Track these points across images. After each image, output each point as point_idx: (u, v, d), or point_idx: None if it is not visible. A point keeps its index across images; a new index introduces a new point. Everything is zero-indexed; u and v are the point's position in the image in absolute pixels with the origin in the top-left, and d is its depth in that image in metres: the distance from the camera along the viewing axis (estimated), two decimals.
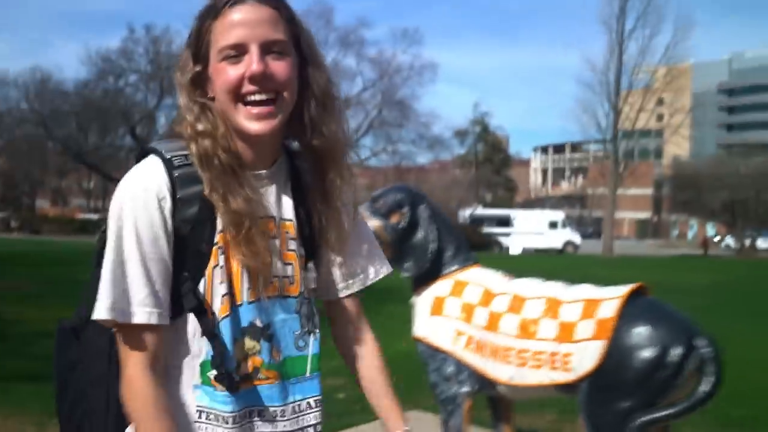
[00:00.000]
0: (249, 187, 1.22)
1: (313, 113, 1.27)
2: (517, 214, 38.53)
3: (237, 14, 1.19)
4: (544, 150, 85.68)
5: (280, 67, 1.20)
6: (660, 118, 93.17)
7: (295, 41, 1.24)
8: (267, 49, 1.19)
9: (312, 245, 1.32)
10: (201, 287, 1.20)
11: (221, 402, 1.20)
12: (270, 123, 1.21)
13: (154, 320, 1.16)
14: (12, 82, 36.04)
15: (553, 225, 37.51)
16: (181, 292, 1.19)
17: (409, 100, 37.99)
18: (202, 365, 1.21)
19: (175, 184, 1.19)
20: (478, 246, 33.66)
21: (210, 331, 1.19)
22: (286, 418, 1.27)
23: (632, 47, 37.77)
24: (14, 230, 40.83)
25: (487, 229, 35.90)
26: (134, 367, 1.16)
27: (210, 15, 1.21)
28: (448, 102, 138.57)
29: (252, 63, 1.18)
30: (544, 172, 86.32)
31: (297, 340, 1.29)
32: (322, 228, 1.31)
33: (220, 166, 1.21)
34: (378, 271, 1.42)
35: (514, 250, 35.00)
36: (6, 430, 4.79)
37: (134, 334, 1.16)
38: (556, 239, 36.76)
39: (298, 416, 1.28)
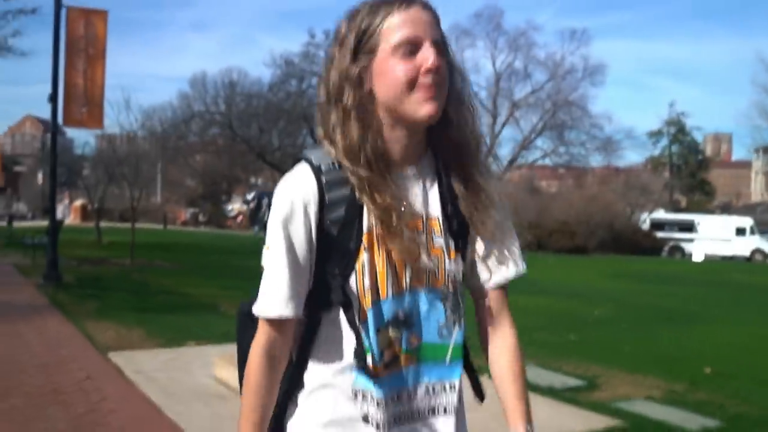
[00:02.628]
0: (396, 186, 1.31)
1: (453, 109, 1.35)
2: (701, 220, 36.57)
3: (410, 14, 1.29)
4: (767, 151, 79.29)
5: (443, 63, 1.31)
6: None
7: (447, 44, 1.36)
8: (437, 46, 1.30)
9: (460, 238, 1.39)
10: (351, 283, 1.29)
11: (371, 386, 1.30)
12: (436, 106, 1.29)
13: (292, 314, 1.29)
14: (207, 83, 39.85)
15: (740, 231, 35.13)
16: (331, 287, 1.29)
17: (582, 101, 37.57)
18: (354, 353, 1.31)
19: (323, 189, 1.28)
20: (648, 250, 32.67)
21: (355, 322, 1.29)
22: (419, 398, 1.35)
23: None
24: (201, 224, 45.31)
25: (668, 234, 34.61)
26: (257, 348, 1.31)
27: (380, 14, 1.30)
28: (647, 100, 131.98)
29: (429, 57, 1.27)
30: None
31: (441, 329, 1.36)
32: (470, 220, 1.38)
33: (368, 167, 1.29)
34: (518, 269, 1.46)
35: (697, 256, 33.31)
36: (149, 345, 6.75)
37: (269, 323, 1.31)
38: (743, 247, 34.41)
39: (431, 396, 1.36)
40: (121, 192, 29.68)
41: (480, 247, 1.41)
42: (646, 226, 35.98)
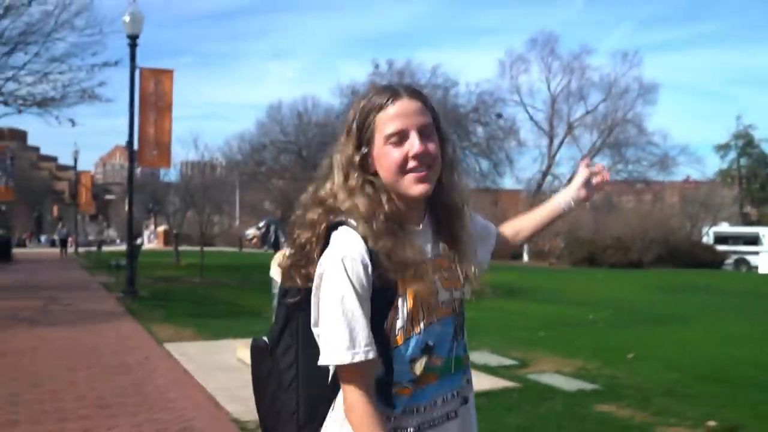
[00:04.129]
0: (411, 239, 1.55)
1: (446, 175, 1.61)
2: (767, 232, 36.72)
3: (397, 107, 1.54)
4: None
5: (431, 145, 1.55)
6: None
7: (435, 124, 1.59)
8: (421, 132, 1.54)
9: (467, 268, 1.65)
10: (387, 325, 1.51)
11: (400, 406, 1.53)
12: (427, 186, 1.54)
13: (372, 356, 1.45)
14: (283, 111, 42.30)
15: None
16: (374, 331, 1.48)
17: (638, 120, 38.93)
18: (387, 383, 1.53)
19: (369, 252, 1.49)
20: (709, 264, 33.12)
21: (385, 358, 1.50)
22: (437, 408, 1.59)
23: None
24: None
25: (733, 248, 35.03)
26: (354, 393, 1.46)
27: (374, 110, 1.55)
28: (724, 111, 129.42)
29: (414, 144, 1.52)
30: None
31: (451, 346, 1.61)
32: (462, 255, 1.64)
33: (386, 229, 1.51)
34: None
35: (763, 268, 33.57)
36: (196, 339, 8.89)
37: (355, 369, 1.45)
38: None
39: (444, 405, 1.60)
40: (200, 217, 32.62)
41: (476, 250, 1.72)
42: (709, 239, 36.42)
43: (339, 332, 1.44)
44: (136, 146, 14.06)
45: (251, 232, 8.01)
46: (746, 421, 5.26)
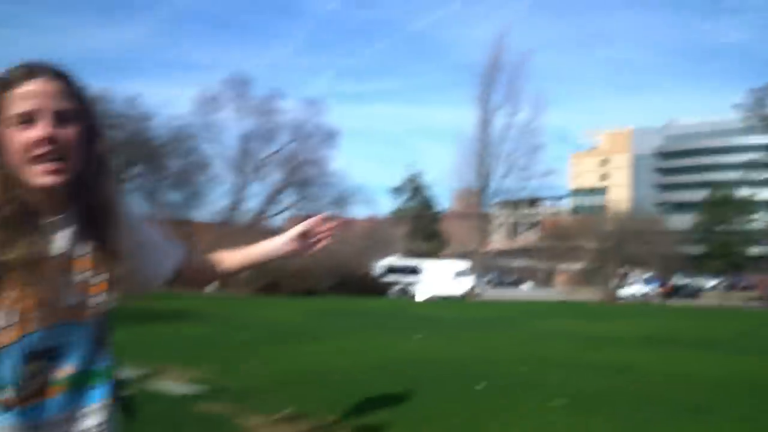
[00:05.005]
0: (33, 234, 1.42)
1: (92, 174, 1.50)
2: (426, 264, 42.04)
3: (31, 87, 1.41)
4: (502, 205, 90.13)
5: (66, 133, 1.41)
6: (604, 177, 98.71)
7: (85, 114, 1.47)
8: (57, 117, 1.41)
9: (108, 274, 1.51)
10: None
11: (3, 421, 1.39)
12: (57, 178, 1.41)
13: None
14: None
15: (459, 274, 41.09)
16: None
17: (320, 161, 43.38)
18: None
19: None
20: (377, 291, 37.07)
21: None
22: (60, 427, 1.46)
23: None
24: None
25: (399, 278, 39.64)
26: None
27: (4, 86, 1.42)
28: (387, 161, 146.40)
29: (41, 129, 1.39)
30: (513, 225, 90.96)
31: (86, 358, 1.49)
32: (110, 259, 1.51)
33: (5, 220, 1.39)
34: (175, 257, 1.75)
35: (420, 296, 38.25)
36: None
37: None
38: (459, 287, 40.22)
39: (76, 422, 1.48)
40: None
41: (135, 267, 1.57)
42: (378, 271, 40.57)
43: None
44: None
45: None
46: (318, 412, 6.52)
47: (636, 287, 46.18)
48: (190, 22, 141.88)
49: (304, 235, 1.90)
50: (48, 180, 1.42)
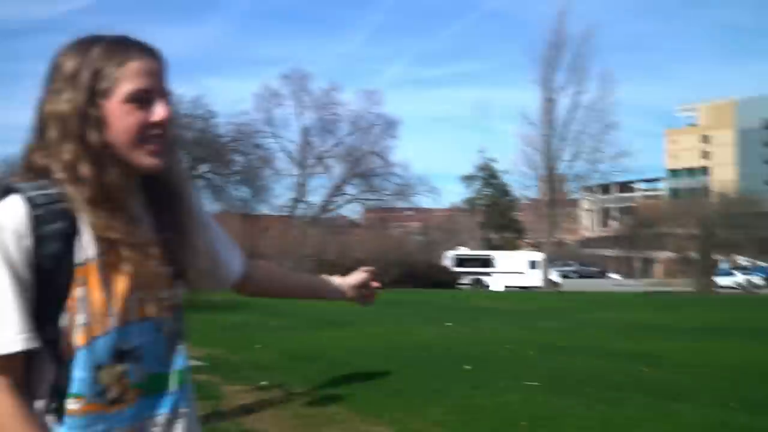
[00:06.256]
0: (122, 219, 1.36)
1: (170, 155, 1.46)
2: (498, 255, 42.41)
3: (145, 64, 1.37)
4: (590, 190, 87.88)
5: (170, 117, 1.40)
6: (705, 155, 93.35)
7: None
8: (165, 99, 1.39)
9: (178, 267, 1.45)
10: (65, 320, 1.31)
11: (80, 427, 1.32)
12: (160, 161, 1.40)
13: (18, 348, 1.27)
14: None
15: (533, 265, 41.25)
16: (42, 324, 1.30)
17: (382, 152, 44.68)
18: (59, 393, 1.32)
19: (36, 223, 1.30)
20: (445, 284, 37.61)
21: (64, 361, 1.31)
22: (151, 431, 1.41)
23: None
24: None
25: (470, 269, 40.18)
26: (2, 388, 1.28)
27: (115, 59, 1.35)
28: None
29: (159, 110, 1.37)
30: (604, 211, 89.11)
31: (163, 358, 1.43)
32: (184, 250, 1.46)
33: (96, 200, 1.33)
34: (241, 261, 1.71)
35: (495, 287, 38.77)
36: None
37: (5, 361, 1.28)
38: (534, 278, 40.44)
39: (161, 429, 1.42)
40: None
41: (206, 260, 1.54)
42: (448, 262, 41.14)
43: None
44: None
45: None
46: (293, 384, 7.40)
47: (739, 276, 43.60)
48: (259, 18, 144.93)
49: (363, 285, 1.89)
50: (154, 162, 1.40)
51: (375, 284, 1.91)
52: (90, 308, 1.32)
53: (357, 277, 1.89)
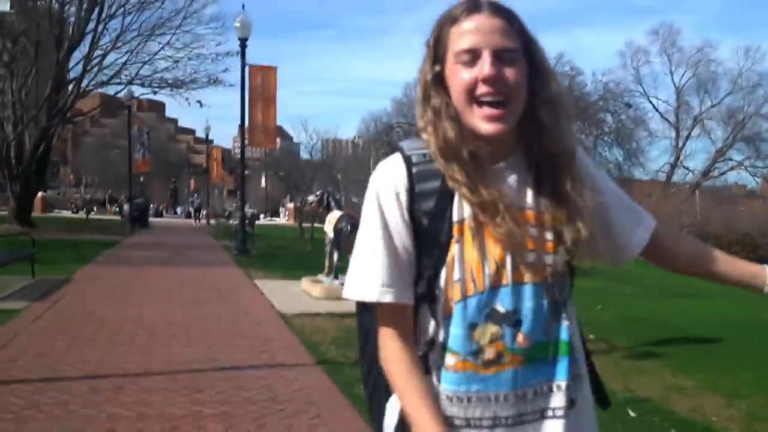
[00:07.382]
0: (490, 178, 1.40)
1: (545, 113, 1.44)
2: None
3: (474, 22, 1.40)
4: None
5: (510, 73, 1.38)
6: None
7: (525, 51, 1.43)
8: (499, 55, 1.38)
9: (557, 232, 1.43)
10: (441, 275, 1.39)
11: (456, 383, 1.39)
12: (500, 125, 1.38)
13: (389, 299, 1.38)
14: (413, 91, 45.16)
15: None
16: (421, 278, 1.41)
17: None
18: (441, 348, 1.41)
19: (413, 180, 1.41)
20: None
21: (442, 317, 1.39)
22: (526, 401, 1.40)
23: None
24: None
25: None
26: (386, 334, 1.41)
27: (449, 22, 1.43)
28: None
29: (484, 67, 1.37)
30: None
31: (545, 325, 1.41)
32: (571, 214, 1.43)
33: (460, 161, 1.39)
34: (645, 228, 1.59)
35: None
36: (278, 278, 13.00)
37: (381, 309, 1.41)
38: None
39: (539, 398, 1.41)
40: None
41: (602, 230, 1.50)
42: None
43: (356, 267, 1.43)
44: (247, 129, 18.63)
45: (311, 198, 11.71)
46: (620, 339, 8.15)
47: None
48: None
49: None
50: (489, 128, 1.39)
51: None
52: (464, 266, 1.39)
53: None
